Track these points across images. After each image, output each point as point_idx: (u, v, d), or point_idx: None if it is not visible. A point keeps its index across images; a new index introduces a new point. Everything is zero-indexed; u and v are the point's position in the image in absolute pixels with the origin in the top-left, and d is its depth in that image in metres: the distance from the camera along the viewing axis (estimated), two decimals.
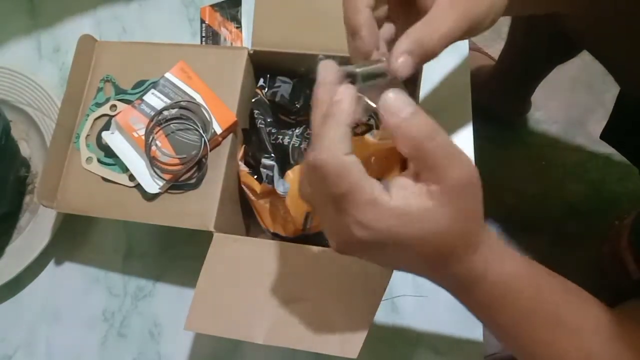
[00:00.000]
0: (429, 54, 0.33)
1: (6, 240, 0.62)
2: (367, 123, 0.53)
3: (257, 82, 0.53)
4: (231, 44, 0.65)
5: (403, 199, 0.29)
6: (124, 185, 0.51)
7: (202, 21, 0.67)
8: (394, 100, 0.29)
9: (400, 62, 0.32)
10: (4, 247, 0.62)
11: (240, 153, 0.51)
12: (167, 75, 0.52)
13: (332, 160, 0.29)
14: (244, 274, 0.45)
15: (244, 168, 0.49)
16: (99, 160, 0.52)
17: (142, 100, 0.51)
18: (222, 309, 0.43)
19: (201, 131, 0.49)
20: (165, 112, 0.50)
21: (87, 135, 0.53)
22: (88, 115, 0.54)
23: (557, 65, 1.01)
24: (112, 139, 0.51)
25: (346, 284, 0.42)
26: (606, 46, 0.57)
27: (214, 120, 0.49)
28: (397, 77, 0.33)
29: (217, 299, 0.44)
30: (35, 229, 0.61)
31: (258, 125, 0.49)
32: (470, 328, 0.53)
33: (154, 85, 0.51)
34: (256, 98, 0.51)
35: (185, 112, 0.50)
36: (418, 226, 0.29)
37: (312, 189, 0.32)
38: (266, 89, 0.52)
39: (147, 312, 0.59)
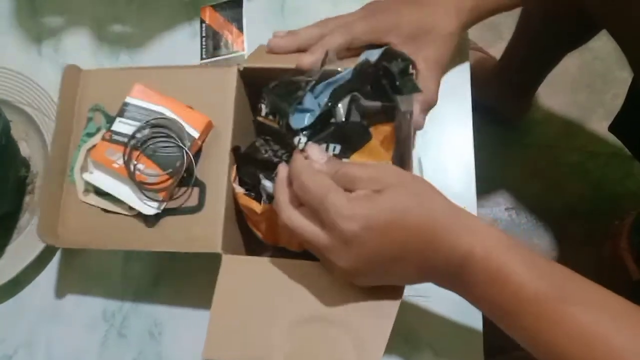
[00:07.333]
0: (432, 108, 0.52)
1: (6, 240, 0.62)
2: None
3: (250, 99, 0.52)
4: (232, 44, 0.66)
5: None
6: (125, 214, 0.50)
7: (202, 21, 0.67)
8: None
9: (422, 120, 0.50)
10: (4, 247, 0.62)
11: (233, 174, 0.49)
12: (128, 99, 0.51)
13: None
14: (258, 295, 0.44)
15: (239, 190, 0.48)
16: (97, 192, 0.51)
17: (112, 131, 0.50)
18: (239, 332, 0.43)
19: (179, 141, 0.49)
20: (139, 135, 0.50)
21: (82, 167, 0.53)
22: (80, 146, 0.53)
23: (567, 52, 0.99)
24: (94, 178, 0.51)
25: (361, 298, 0.42)
26: (626, 25, 0.56)
27: (188, 127, 0.49)
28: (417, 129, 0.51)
29: (233, 322, 0.43)
30: (35, 229, 0.61)
31: (256, 145, 0.47)
32: (470, 329, 0.52)
33: (119, 113, 0.51)
34: (258, 121, 0.49)
35: (158, 129, 0.50)
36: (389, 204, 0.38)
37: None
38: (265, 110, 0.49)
39: (147, 312, 0.59)
